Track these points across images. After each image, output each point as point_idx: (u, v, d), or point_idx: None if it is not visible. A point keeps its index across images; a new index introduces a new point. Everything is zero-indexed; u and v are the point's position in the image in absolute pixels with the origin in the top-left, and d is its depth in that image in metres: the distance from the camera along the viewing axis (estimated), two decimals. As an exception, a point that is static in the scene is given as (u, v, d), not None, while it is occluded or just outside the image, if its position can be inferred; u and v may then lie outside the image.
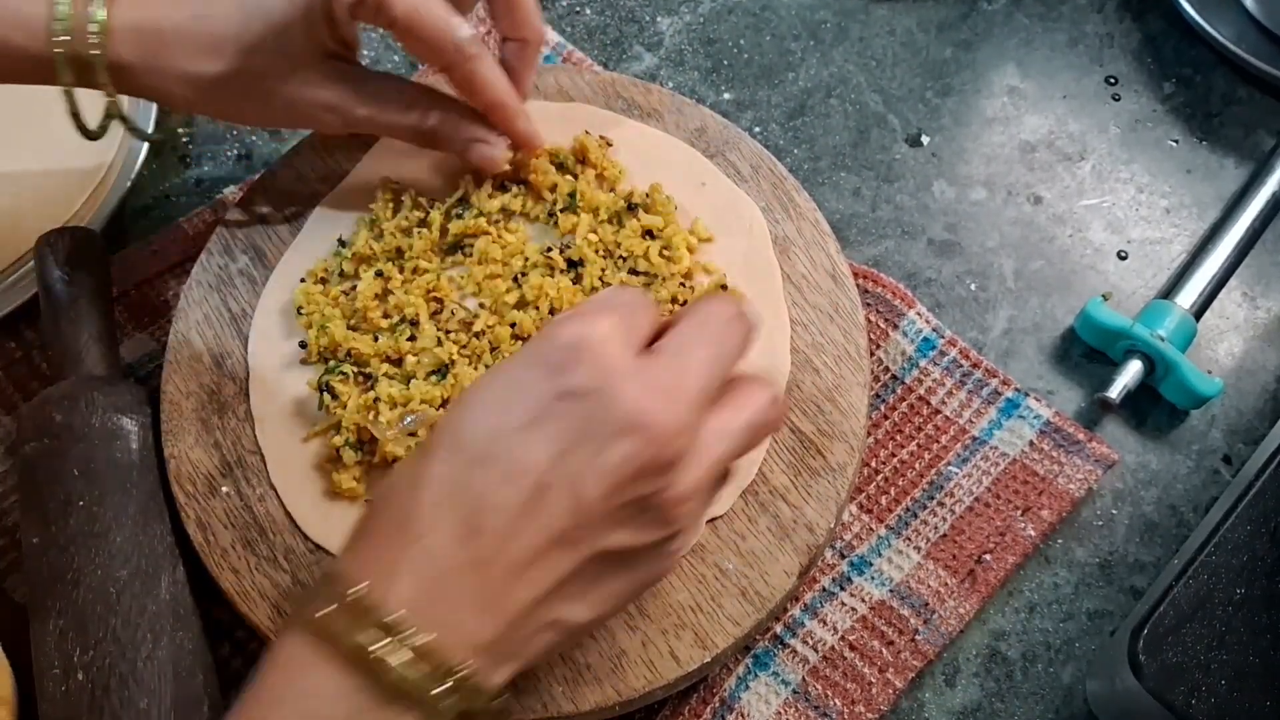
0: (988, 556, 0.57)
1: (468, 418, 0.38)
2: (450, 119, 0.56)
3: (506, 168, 0.58)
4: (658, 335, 0.40)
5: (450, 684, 0.35)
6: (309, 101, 0.53)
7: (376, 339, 0.55)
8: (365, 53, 0.74)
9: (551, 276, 0.56)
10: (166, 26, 0.51)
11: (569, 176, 0.59)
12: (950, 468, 0.60)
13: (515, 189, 0.59)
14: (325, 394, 0.53)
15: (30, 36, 0.50)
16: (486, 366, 0.54)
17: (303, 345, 0.55)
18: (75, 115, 0.54)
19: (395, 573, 0.36)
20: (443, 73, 0.53)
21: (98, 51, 0.51)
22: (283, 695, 0.36)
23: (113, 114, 0.55)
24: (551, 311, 0.55)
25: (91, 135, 0.55)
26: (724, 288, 0.57)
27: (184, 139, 0.71)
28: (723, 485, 0.43)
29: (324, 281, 0.57)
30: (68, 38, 0.50)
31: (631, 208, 0.58)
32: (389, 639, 0.35)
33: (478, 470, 0.37)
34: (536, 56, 0.56)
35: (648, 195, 0.59)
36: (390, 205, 0.58)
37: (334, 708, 0.35)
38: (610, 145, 0.61)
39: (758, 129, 0.72)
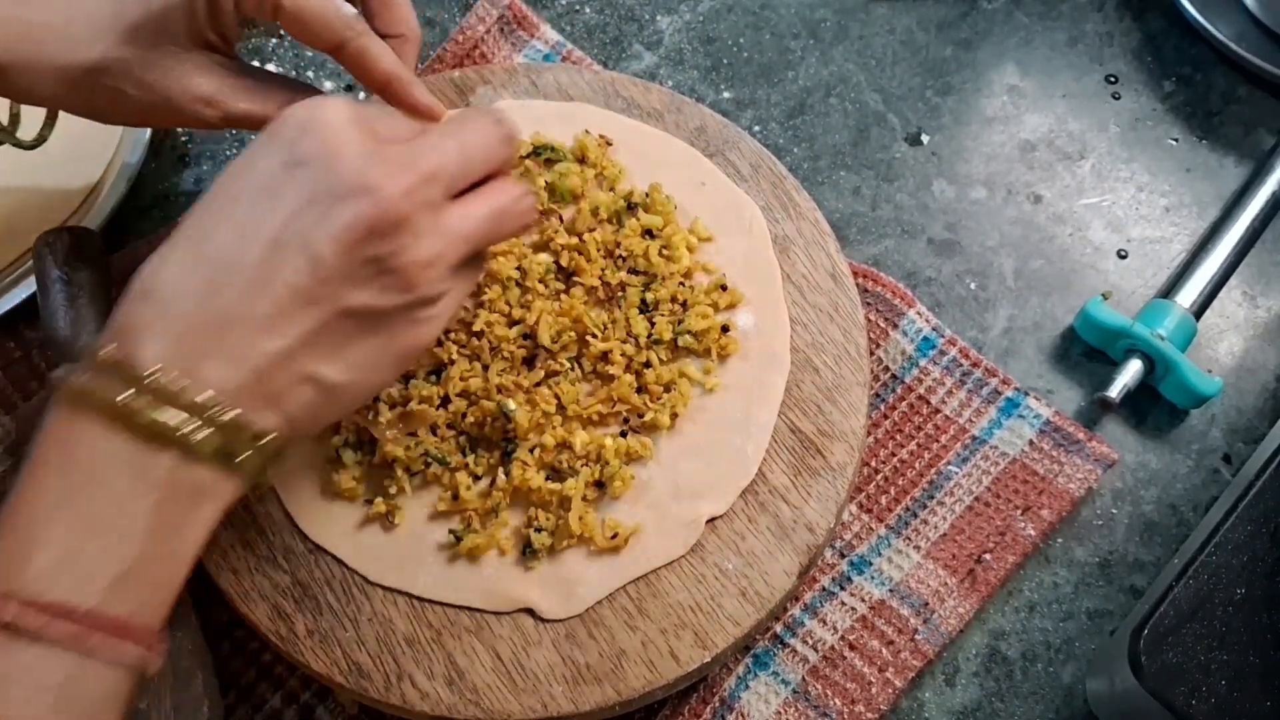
0: (987, 556, 0.57)
1: (210, 193, 0.41)
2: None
3: None
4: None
5: (201, 421, 0.38)
6: (185, 94, 0.52)
7: None
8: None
9: (546, 286, 0.56)
10: (37, 21, 0.50)
11: (560, 166, 0.59)
12: (950, 467, 0.60)
13: None
14: None
15: None
16: (485, 366, 0.54)
17: None
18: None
19: (143, 334, 0.39)
20: (331, 53, 0.52)
21: None
22: (49, 458, 0.39)
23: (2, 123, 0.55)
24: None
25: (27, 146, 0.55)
26: (724, 288, 0.56)
27: (183, 138, 0.71)
28: (475, 268, 0.46)
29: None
30: None
31: (631, 207, 0.58)
32: (135, 390, 0.38)
33: (216, 234, 0.40)
34: (415, 52, 0.56)
35: (647, 195, 0.59)
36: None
37: (96, 459, 0.38)
38: (610, 144, 0.61)
39: (757, 128, 0.72)
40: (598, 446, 0.52)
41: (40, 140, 0.58)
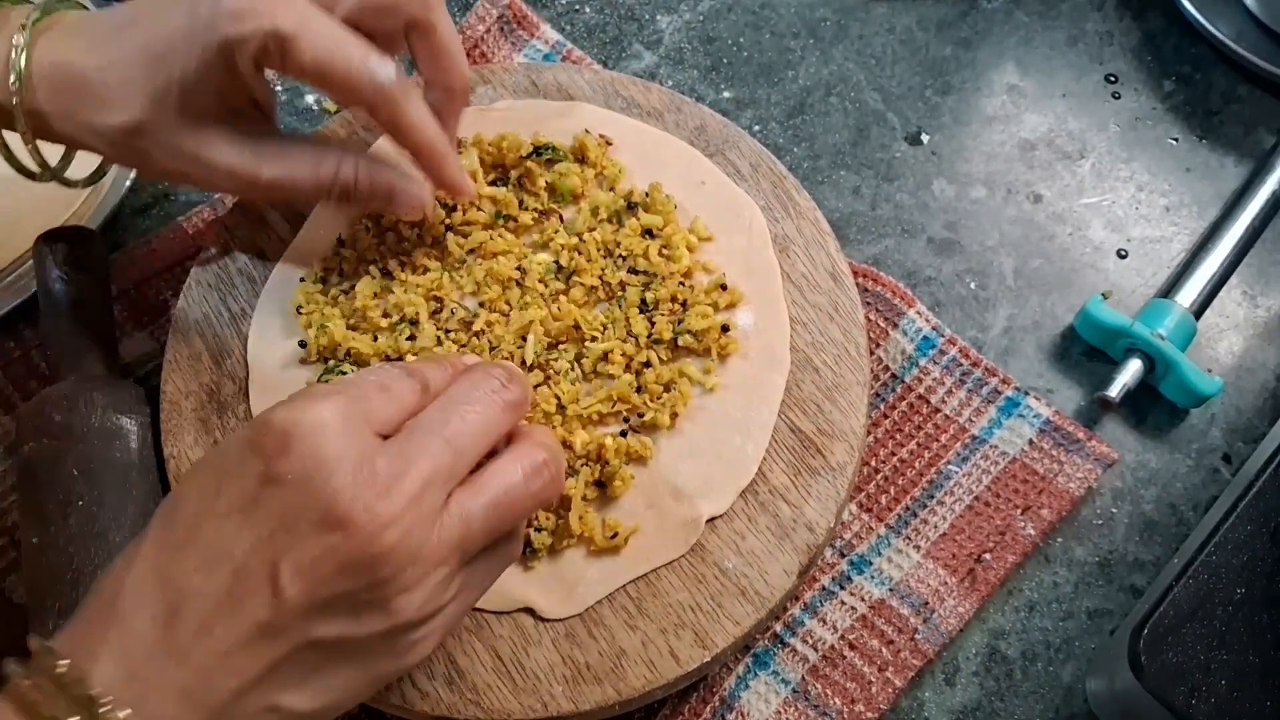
0: (987, 555, 0.57)
1: (180, 499, 0.38)
2: (366, 165, 0.53)
3: (434, 213, 0.56)
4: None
5: None
6: (210, 163, 0.50)
7: (376, 339, 0.54)
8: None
9: (546, 286, 0.56)
10: (76, 71, 0.48)
11: (560, 166, 0.59)
12: (950, 467, 0.60)
13: (507, 187, 0.59)
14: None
15: None
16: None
17: (302, 345, 0.55)
18: (10, 157, 0.53)
19: (98, 653, 0.35)
20: (369, 114, 0.50)
21: (16, 99, 0.48)
22: None
23: (48, 163, 0.53)
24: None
25: (34, 176, 0.54)
26: (724, 287, 0.56)
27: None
28: (498, 564, 0.43)
29: (323, 281, 0.57)
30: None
31: (631, 206, 0.58)
32: (83, 713, 0.34)
33: (180, 554, 0.37)
34: (462, 104, 0.54)
35: (647, 194, 0.59)
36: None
37: None
38: (610, 144, 0.61)
39: (757, 127, 0.72)
40: (598, 446, 0.52)
41: (96, 177, 0.57)
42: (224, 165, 0.50)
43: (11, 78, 0.48)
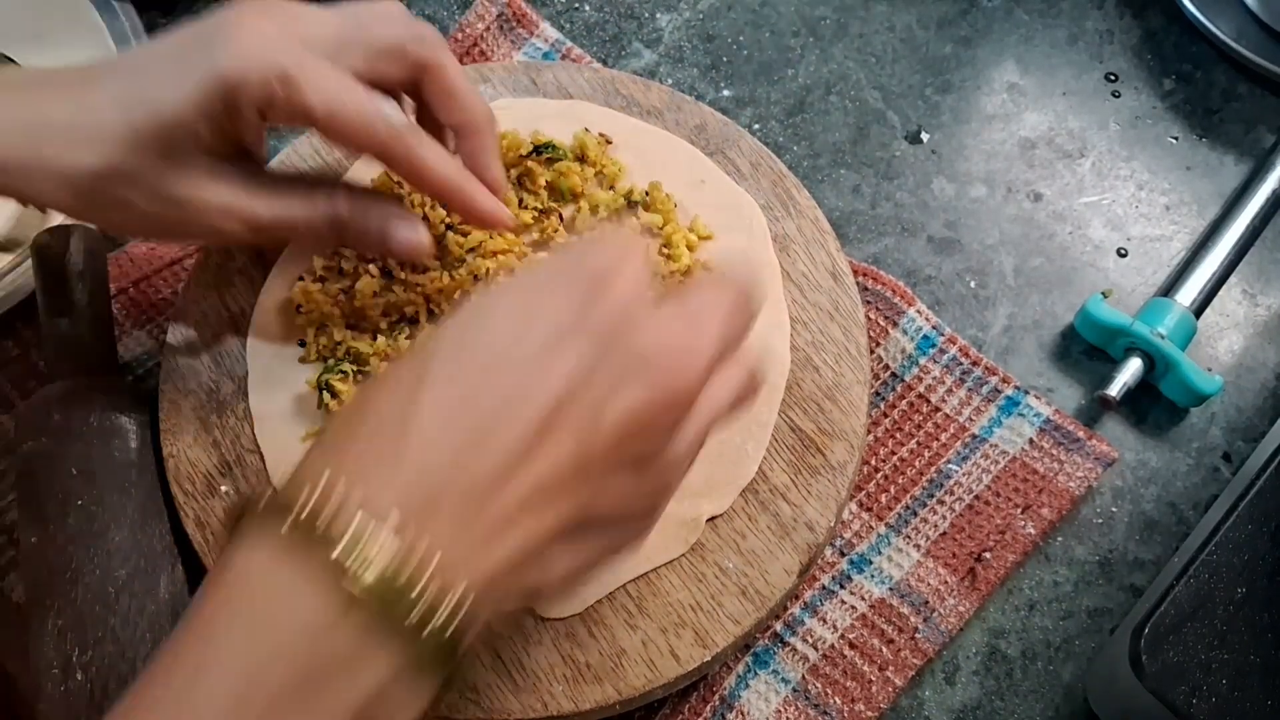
0: (987, 554, 0.57)
1: (484, 324, 0.36)
2: (362, 204, 0.51)
3: (429, 254, 0.53)
4: None
5: (446, 613, 0.32)
6: (202, 205, 0.47)
7: (375, 338, 0.54)
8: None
9: None
10: (41, 120, 0.46)
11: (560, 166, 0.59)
12: (950, 465, 0.60)
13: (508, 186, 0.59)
14: (325, 393, 0.53)
15: None
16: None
17: (302, 344, 0.55)
18: None
19: (384, 481, 0.32)
20: (382, 163, 0.49)
21: None
22: (235, 617, 0.31)
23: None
24: None
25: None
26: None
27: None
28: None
29: (323, 280, 0.57)
30: None
31: (631, 205, 0.58)
32: (364, 539, 0.31)
33: (491, 380, 0.34)
34: (492, 138, 0.52)
35: (647, 193, 0.59)
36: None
37: (296, 636, 0.31)
38: (610, 143, 0.61)
39: (757, 126, 0.72)
40: None
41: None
42: (217, 205, 0.48)
43: None
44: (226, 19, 0.45)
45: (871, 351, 0.61)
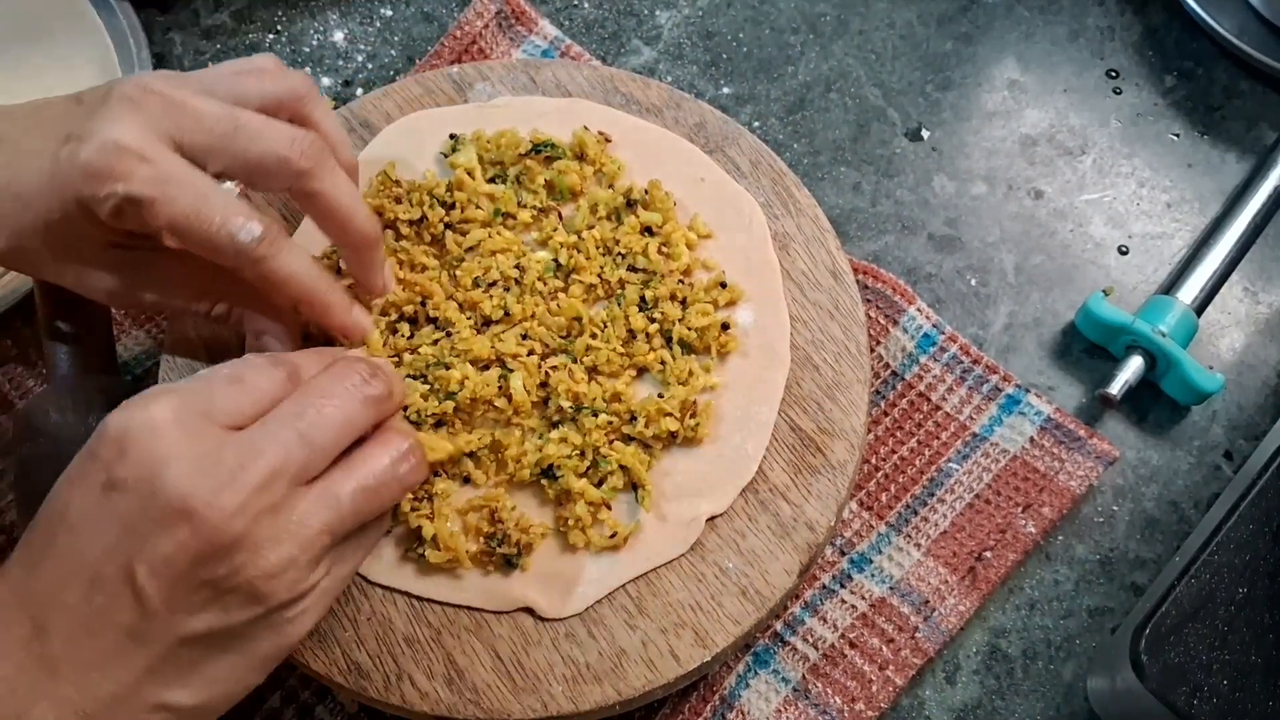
0: (988, 553, 0.57)
1: (38, 516, 0.38)
2: (238, 312, 0.51)
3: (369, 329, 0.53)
4: None
5: None
6: (89, 289, 0.49)
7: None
8: (362, 47, 0.73)
9: (545, 284, 0.56)
10: None
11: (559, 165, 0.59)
12: (950, 464, 0.59)
13: (506, 184, 0.59)
14: None
15: None
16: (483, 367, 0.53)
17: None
18: None
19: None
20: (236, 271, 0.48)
21: None
22: None
23: None
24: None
25: None
26: (724, 285, 0.56)
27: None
28: (360, 546, 0.44)
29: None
30: None
31: (630, 204, 0.58)
32: None
33: (37, 570, 0.37)
34: (374, 255, 0.52)
35: (646, 191, 0.58)
36: (387, 198, 0.58)
37: None
38: (609, 141, 0.61)
39: (757, 123, 0.71)
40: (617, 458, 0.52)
41: None
42: (102, 290, 0.49)
43: None
44: (100, 110, 0.44)
45: (872, 350, 0.61)
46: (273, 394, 0.41)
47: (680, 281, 0.56)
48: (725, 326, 0.55)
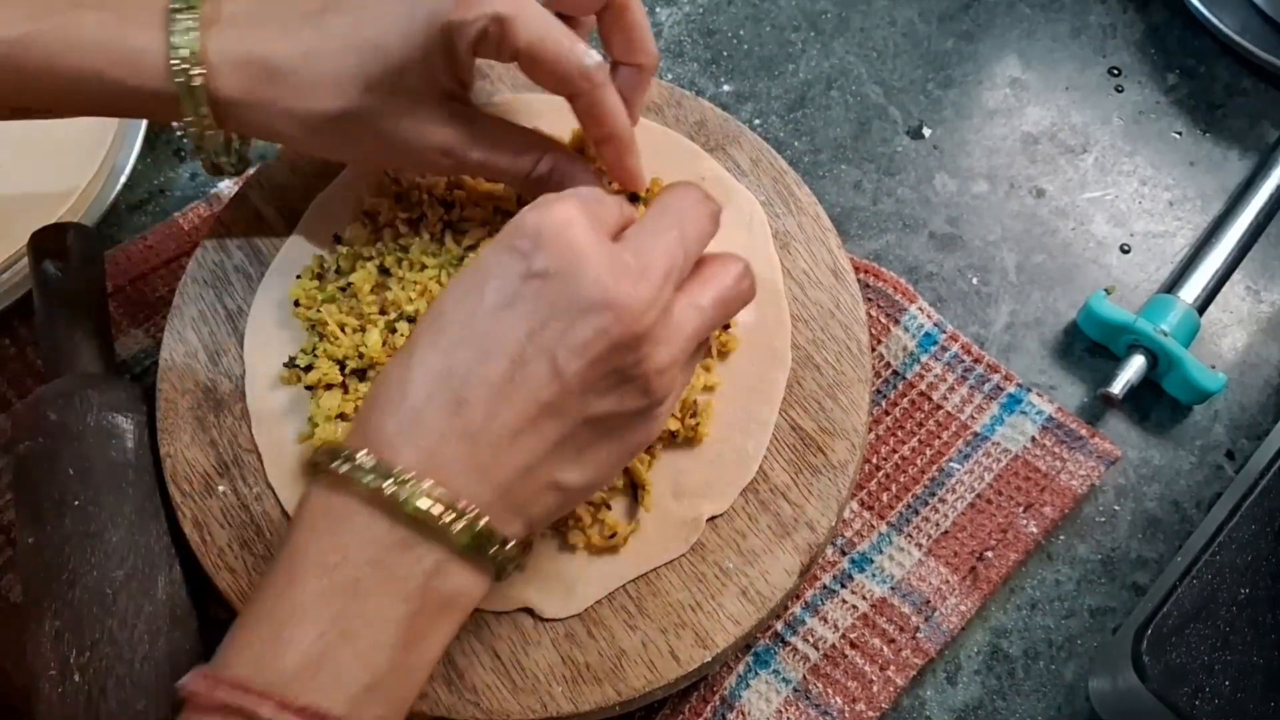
0: (989, 553, 0.57)
1: (447, 307, 0.41)
2: (561, 168, 0.55)
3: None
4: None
5: (464, 521, 0.38)
6: (425, 144, 0.51)
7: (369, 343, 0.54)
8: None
9: None
10: (275, 61, 0.49)
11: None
12: (952, 464, 0.59)
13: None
14: (292, 369, 0.53)
15: (135, 73, 0.49)
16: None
17: (295, 363, 0.55)
18: (206, 149, 0.52)
19: (396, 444, 0.39)
20: (568, 100, 0.51)
21: (198, 84, 0.49)
22: (314, 537, 0.39)
23: (236, 150, 0.54)
24: None
25: (228, 172, 0.55)
26: None
27: (179, 134, 0.70)
28: (700, 356, 0.46)
29: (320, 278, 0.57)
30: (180, 67, 0.48)
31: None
32: (398, 483, 0.38)
33: (458, 351, 0.40)
34: (649, 82, 0.56)
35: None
36: (387, 197, 0.58)
37: (362, 540, 0.38)
38: None
39: (757, 121, 0.71)
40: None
41: (243, 165, 0.56)
42: (436, 145, 0.51)
43: (186, 68, 0.48)
44: None
45: (873, 349, 0.61)
46: (620, 217, 0.43)
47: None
48: (726, 326, 0.55)
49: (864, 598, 0.56)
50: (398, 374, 0.40)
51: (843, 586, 0.56)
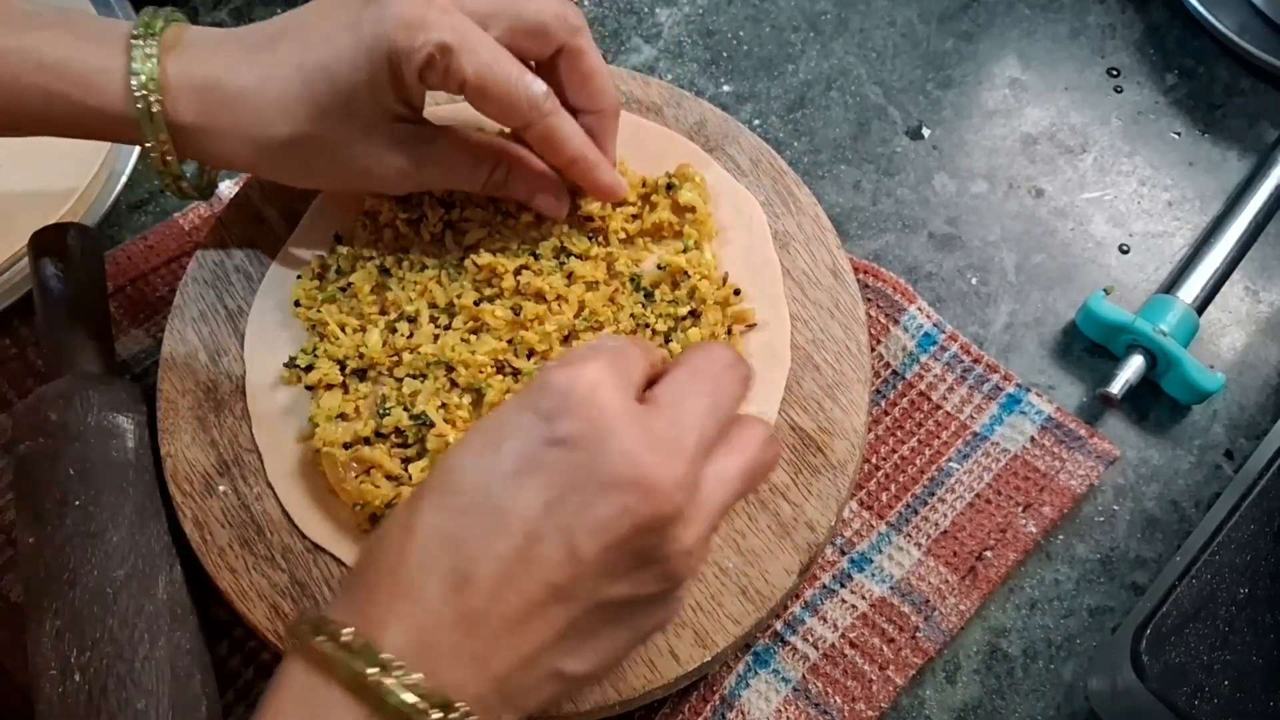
0: (988, 553, 0.57)
1: (458, 464, 0.37)
2: (518, 173, 0.55)
3: (562, 218, 0.57)
4: (652, 382, 0.40)
5: (453, 716, 0.35)
6: (379, 168, 0.52)
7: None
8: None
9: (554, 275, 0.55)
10: (230, 87, 0.49)
11: None
12: (951, 464, 0.59)
13: None
14: (292, 370, 0.53)
15: (95, 95, 0.49)
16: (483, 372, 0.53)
17: (295, 363, 0.55)
18: (168, 173, 0.52)
19: (385, 623, 0.35)
20: (518, 131, 0.52)
21: (156, 109, 0.49)
22: (285, 709, 0.36)
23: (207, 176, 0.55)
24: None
25: (191, 196, 0.55)
26: (737, 292, 0.56)
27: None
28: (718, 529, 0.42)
29: (320, 278, 0.57)
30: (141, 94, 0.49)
31: (669, 187, 0.58)
32: (384, 671, 0.34)
33: (467, 519, 0.36)
34: (615, 125, 0.55)
35: (672, 175, 0.58)
36: (386, 202, 0.58)
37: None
38: None
39: (757, 121, 0.71)
40: None
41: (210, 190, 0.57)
42: (390, 169, 0.52)
43: (146, 93, 0.48)
44: None
45: (872, 349, 0.61)
46: (648, 364, 0.40)
47: (693, 294, 0.55)
48: (728, 331, 0.55)
49: (863, 597, 0.56)
50: (398, 533, 0.37)
51: (842, 586, 0.57)
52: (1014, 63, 0.74)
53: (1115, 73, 0.73)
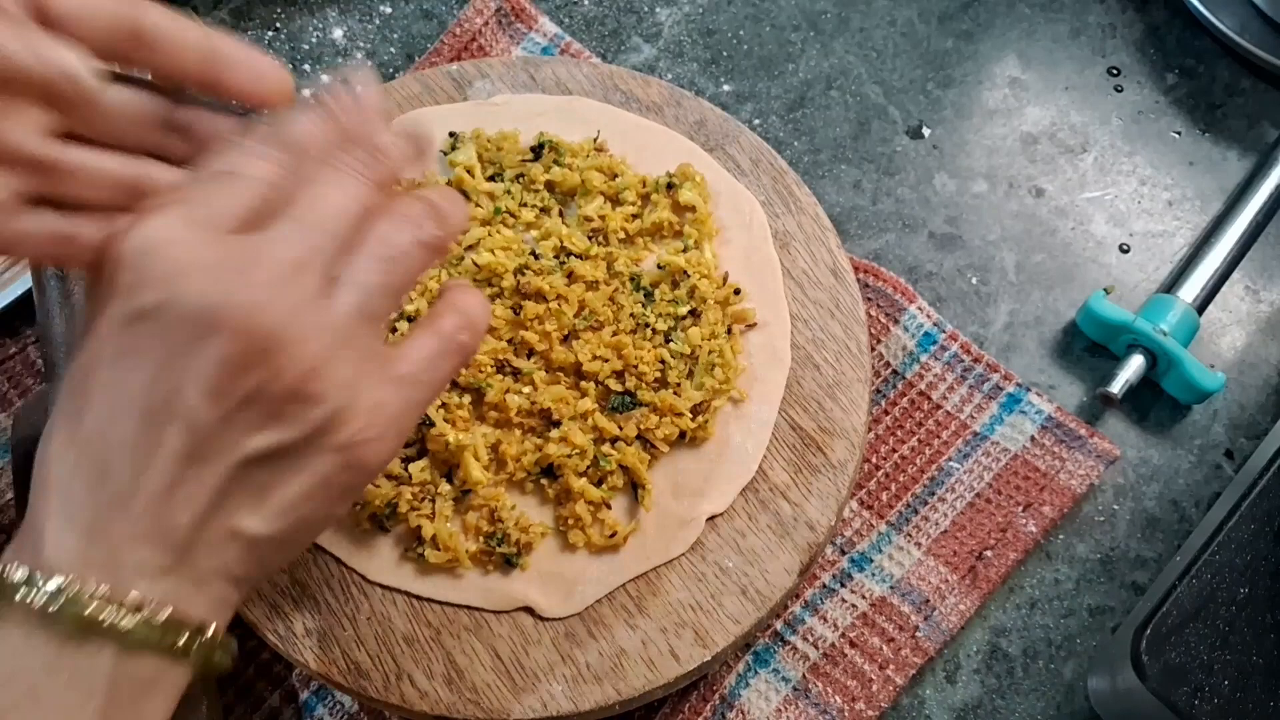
0: (989, 553, 0.57)
1: (71, 373, 0.37)
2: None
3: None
4: None
5: (138, 616, 0.35)
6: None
7: None
8: (361, 44, 0.73)
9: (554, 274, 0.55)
10: None
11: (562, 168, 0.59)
12: (951, 463, 0.59)
13: (505, 183, 0.58)
14: None
15: None
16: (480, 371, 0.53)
17: None
18: None
19: (46, 530, 0.35)
20: (127, 57, 0.42)
21: None
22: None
23: None
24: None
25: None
26: (737, 292, 0.56)
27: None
28: (382, 337, 0.39)
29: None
30: None
31: (670, 187, 0.58)
32: (52, 590, 0.34)
33: (85, 415, 0.35)
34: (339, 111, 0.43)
35: (672, 175, 0.58)
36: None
37: (28, 671, 0.34)
38: (602, 151, 0.60)
39: (757, 121, 0.71)
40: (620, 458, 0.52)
41: None
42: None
43: None
44: None
45: (872, 349, 0.61)
46: (276, 177, 0.37)
47: (694, 288, 0.55)
48: (728, 330, 0.55)
49: (863, 597, 0.56)
50: (41, 449, 0.36)
51: (842, 586, 0.57)
52: (1014, 62, 0.74)
53: (1115, 72, 0.73)
